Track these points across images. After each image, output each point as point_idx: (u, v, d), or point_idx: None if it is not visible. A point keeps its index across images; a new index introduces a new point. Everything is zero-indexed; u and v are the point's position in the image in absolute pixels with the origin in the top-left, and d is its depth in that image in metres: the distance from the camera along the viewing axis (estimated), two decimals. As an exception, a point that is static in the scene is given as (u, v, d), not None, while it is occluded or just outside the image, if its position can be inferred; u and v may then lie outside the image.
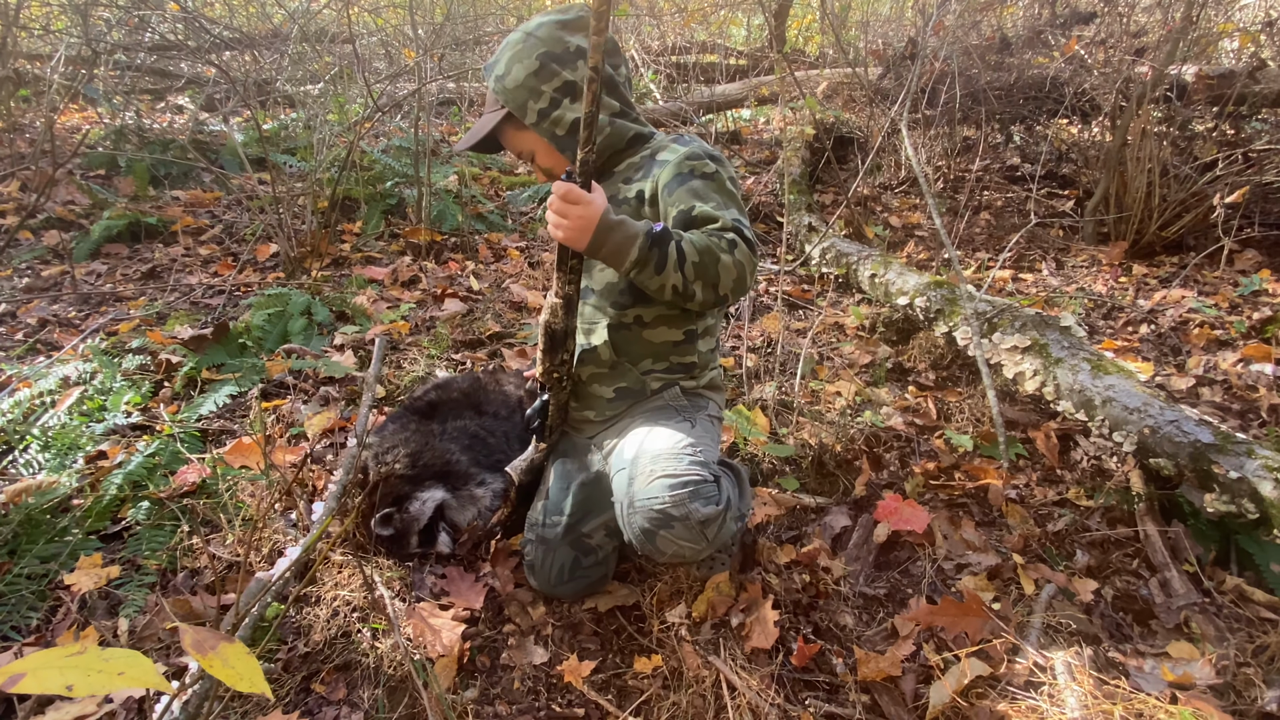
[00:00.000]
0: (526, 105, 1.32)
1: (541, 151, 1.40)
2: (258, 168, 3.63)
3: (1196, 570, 1.54)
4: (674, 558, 1.24)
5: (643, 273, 1.16)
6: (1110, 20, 3.54)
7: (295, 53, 4.47)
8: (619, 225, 1.14)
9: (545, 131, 1.34)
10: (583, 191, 1.13)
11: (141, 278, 2.91)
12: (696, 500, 1.17)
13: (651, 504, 1.18)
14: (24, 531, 1.53)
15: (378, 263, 3.11)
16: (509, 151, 1.47)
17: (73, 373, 2.03)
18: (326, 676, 1.30)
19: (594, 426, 1.49)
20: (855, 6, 7.39)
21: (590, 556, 1.41)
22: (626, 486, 1.25)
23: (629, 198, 1.35)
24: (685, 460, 1.22)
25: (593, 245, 1.15)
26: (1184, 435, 1.56)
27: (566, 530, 1.39)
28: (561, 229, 1.15)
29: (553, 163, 1.41)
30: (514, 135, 1.41)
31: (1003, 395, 2.17)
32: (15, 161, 3.63)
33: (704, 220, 1.21)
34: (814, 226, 3.39)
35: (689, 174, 1.27)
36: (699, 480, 1.20)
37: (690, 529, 1.18)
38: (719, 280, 1.17)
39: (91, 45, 3.75)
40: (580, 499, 1.40)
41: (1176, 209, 3.29)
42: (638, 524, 1.21)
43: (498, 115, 1.37)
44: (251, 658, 0.42)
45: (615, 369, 1.41)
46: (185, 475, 1.70)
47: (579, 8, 1.36)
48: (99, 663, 0.42)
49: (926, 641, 1.37)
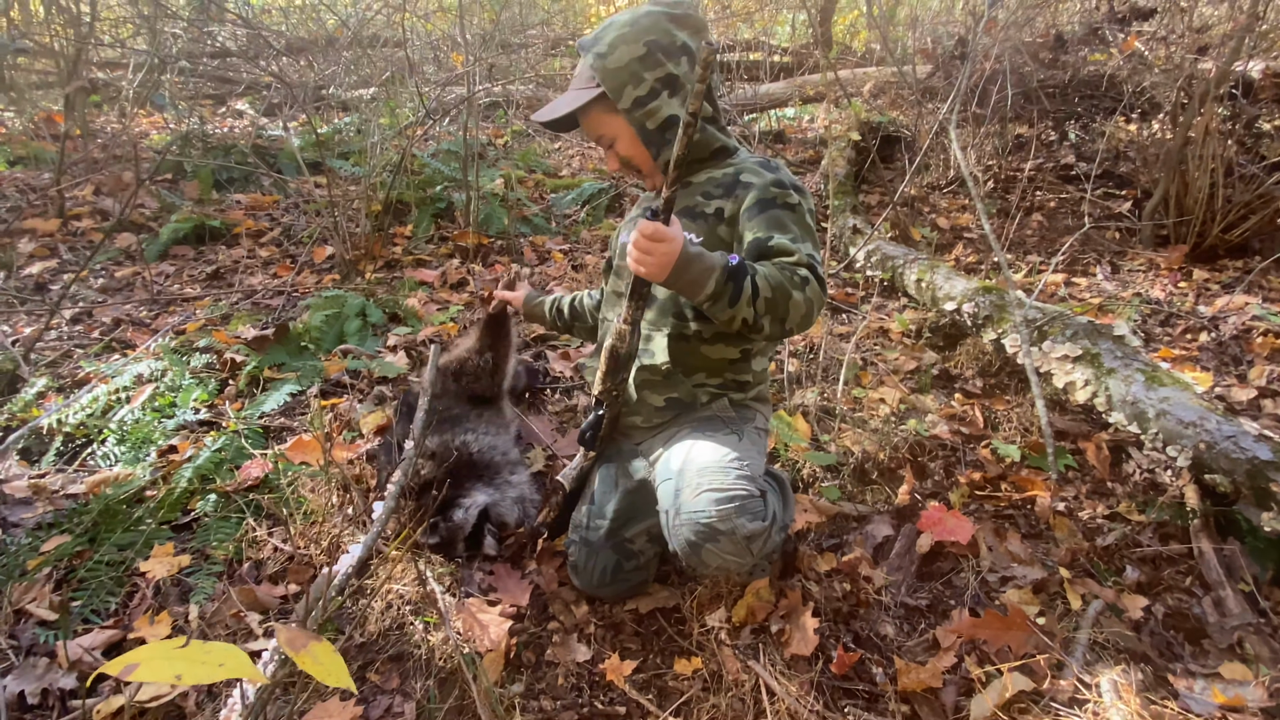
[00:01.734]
0: (624, 89, 1.30)
1: (625, 141, 1.37)
2: (314, 172, 3.76)
3: (1253, 589, 1.50)
4: (718, 570, 1.26)
5: (716, 305, 1.17)
6: (1171, 16, 3.42)
7: (349, 59, 4.61)
8: (698, 259, 1.15)
9: (635, 121, 1.32)
10: (667, 229, 1.13)
11: (207, 279, 3.05)
12: (743, 515, 1.18)
13: (698, 517, 1.20)
14: (103, 520, 1.63)
15: (428, 265, 3.20)
16: (587, 134, 1.42)
17: (145, 370, 2.15)
18: (381, 666, 1.37)
19: (641, 433, 1.52)
20: (904, 2, 7.26)
21: (632, 561, 1.44)
22: (673, 497, 1.26)
23: (707, 213, 1.34)
24: (732, 474, 1.23)
25: (671, 278, 1.16)
26: (1241, 451, 1.52)
27: (609, 534, 1.42)
28: (645, 264, 1.15)
29: (633, 153, 1.38)
30: (600, 118, 1.37)
31: (1053, 404, 2.13)
32: (90, 167, 3.83)
33: (779, 251, 1.22)
34: (859, 229, 3.36)
35: (772, 201, 1.27)
36: (745, 495, 1.20)
37: (736, 544, 1.19)
38: (788, 316, 1.18)
39: (159, 55, 3.94)
40: (623, 505, 1.43)
41: (1241, 210, 3.16)
42: (684, 536, 1.22)
43: (590, 93, 1.33)
44: (337, 655, 0.46)
45: (669, 379, 1.42)
46: (249, 470, 1.79)
47: (687, 4, 1.35)
48: (202, 654, 0.47)
49: (968, 654, 1.37)
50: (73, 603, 1.45)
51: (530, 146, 4.82)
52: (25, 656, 1.35)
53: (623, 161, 1.40)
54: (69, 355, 2.37)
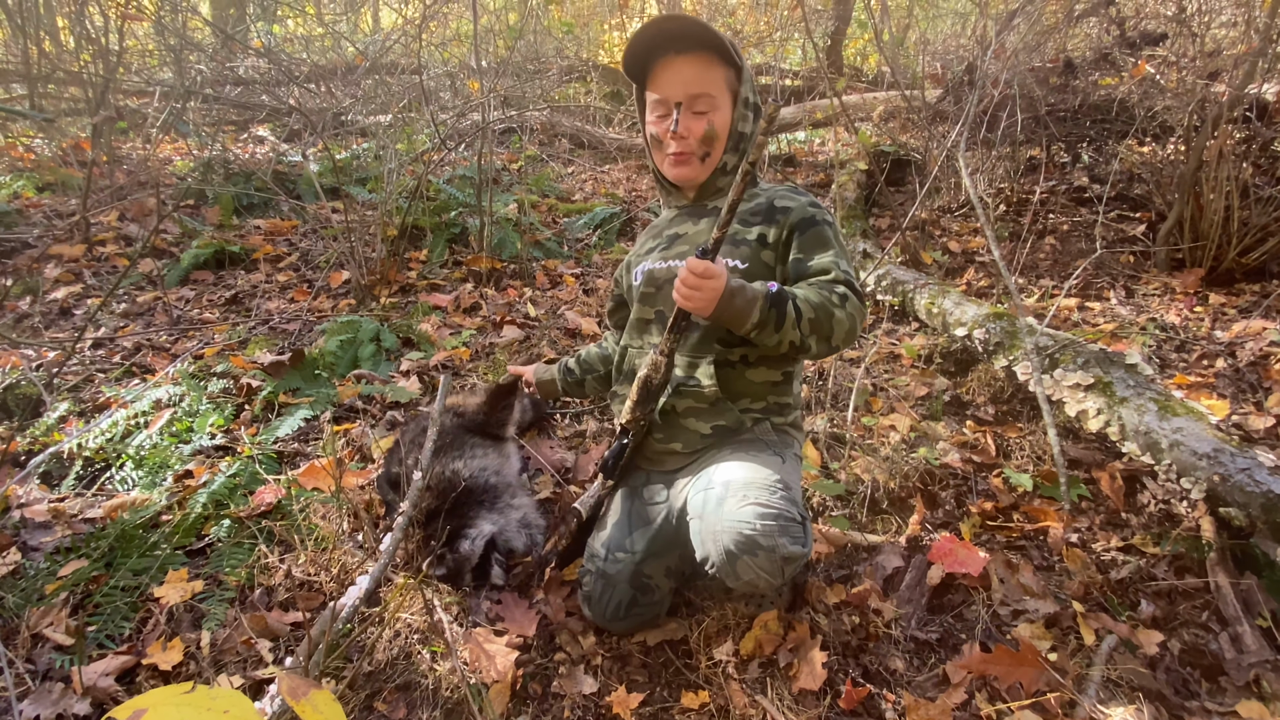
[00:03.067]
0: (748, 82, 1.37)
1: (723, 116, 1.35)
2: (331, 197, 3.84)
3: (1270, 625, 1.47)
4: (745, 586, 1.23)
5: (762, 332, 1.22)
6: (1183, 40, 3.42)
7: (366, 87, 4.72)
8: (740, 291, 1.20)
9: (738, 114, 1.37)
10: (714, 265, 1.19)
11: (225, 304, 3.11)
12: (785, 536, 1.18)
13: (741, 527, 1.17)
14: (119, 545, 1.66)
15: (442, 290, 3.24)
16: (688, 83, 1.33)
17: (164, 395, 2.19)
18: (388, 696, 1.37)
19: (678, 460, 1.48)
20: (914, 23, 7.31)
21: (647, 596, 1.43)
22: (715, 506, 1.23)
23: (749, 239, 1.38)
24: (778, 493, 1.22)
25: (717, 311, 1.21)
26: (1256, 485, 1.50)
27: (631, 571, 1.40)
28: (693, 301, 1.20)
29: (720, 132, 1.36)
30: (716, 75, 1.34)
31: (1066, 433, 2.12)
32: (115, 194, 3.93)
33: (819, 270, 1.28)
34: (869, 253, 3.36)
35: (811, 221, 1.34)
36: (789, 517, 1.20)
37: (773, 562, 1.17)
38: (833, 333, 1.24)
39: (183, 84, 4.05)
40: (648, 540, 1.42)
41: (1258, 233, 3.13)
42: (724, 543, 1.19)
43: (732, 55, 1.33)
44: (337, 705, 0.47)
45: (715, 406, 1.41)
46: (263, 495, 1.82)
47: None
48: (208, 701, 0.48)
49: (979, 690, 1.35)
50: (88, 628, 1.47)
51: (544, 172, 4.89)
52: (41, 681, 1.37)
53: (705, 133, 1.36)
54: (90, 380, 2.42)
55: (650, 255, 1.52)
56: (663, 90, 1.36)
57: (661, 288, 1.46)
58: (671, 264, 1.45)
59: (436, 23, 5.74)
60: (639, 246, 1.60)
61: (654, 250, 1.51)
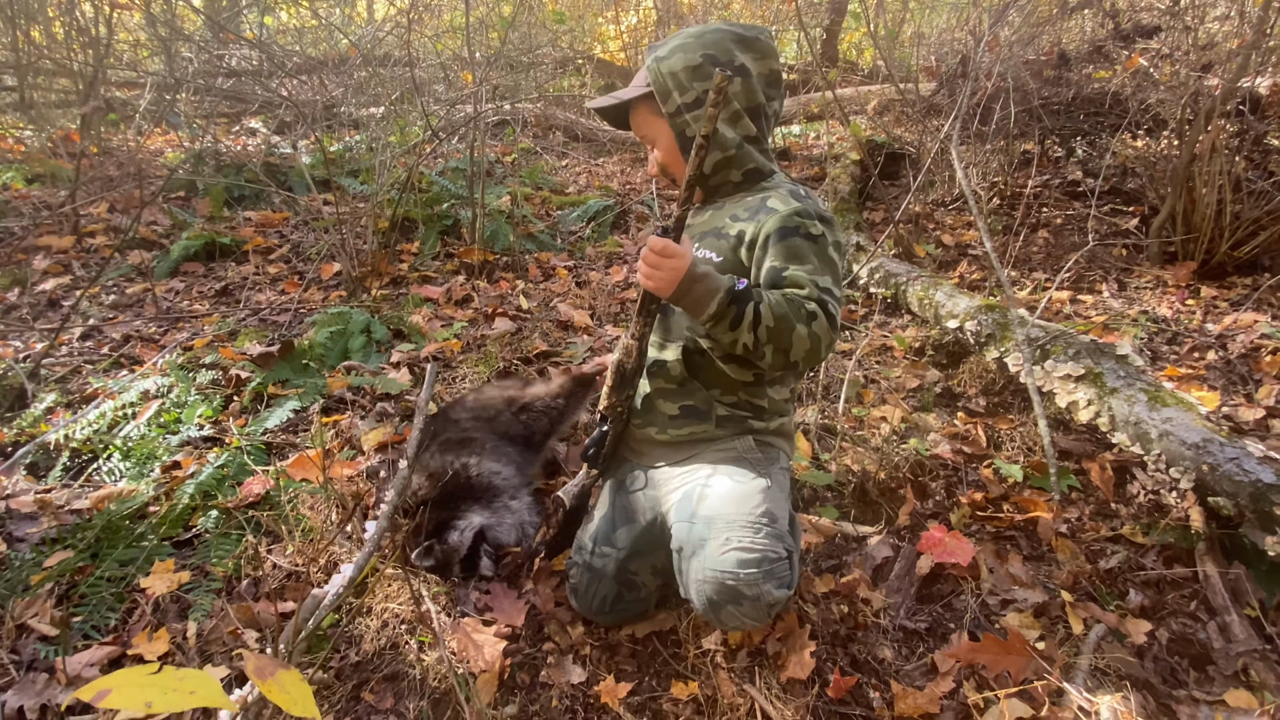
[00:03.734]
0: (670, 94, 1.31)
1: (664, 144, 1.38)
2: (323, 189, 3.82)
3: (1259, 615, 1.47)
4: (730, 629, 1.25)
5: (717, 326, 1.19)
6: (1176, 33, 3.42)
7: (359, 78, 4.69)
8: (704, 278, 1.18)
9: (676, 127, 1.34)
10: (676, 245, 1.17)
11: (215, 295, 3.09)
12: (770, 581, 1.15)
13: (724, 578, 1.15)
14: (105, 536, 1.65)
15: (433, 282, 3.22)
16: (635, 132, 1.47)
17: (152, 386, 2.17)
18: (375, 686, 1.37)
19: (657, 450, 1.45)
20: (910, 18, 7.29)
21: (633, 592, 1.42)
22: (697, 545, 1.21)
23: (729, 235, 1.32)
24: (762, 532, 1.19)
25: (676, 294, 1.19)
26: (1244, 474, 1.50)
27: (616, 567, 1.40)
28: (652, 279, 1.19)
29: (669, 160, 1.40)
30: (645, 118, 1.40)
31: (1057, 424, 2.12)
32: (105, 185, 3.90)
33: (792, 283, 1.21)
34: (862, 246, 3.36)
35: (794, 230, 1.24)
36: (774, 558, 1.17)
37: (758, 609, 1.16)
38: (791, 348, 1.17)
39: (174, 75, 4.02)
40: (633, 539, 1.41)
41: (1250, 227, 3.14)
42: (706, 593, 1.18)
43: (639, 90, 1.37)
44: (305, 684, 0.46)
45: (684, 386, 1.38)
46: (251, 486, 1.80)
47: (758, 30, 1.36)
48: (174, 682, 0.47)
49: (967, 679, 1.35)
50: (73, 619, 1.46)
51: (537, 164, 4.87)
52: (26, 672, 1.36)
53: (660, 168, 1.42)
54: (78, 371, 2.40)
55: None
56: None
57: None
58: None
59: (430, 15, 5.70)
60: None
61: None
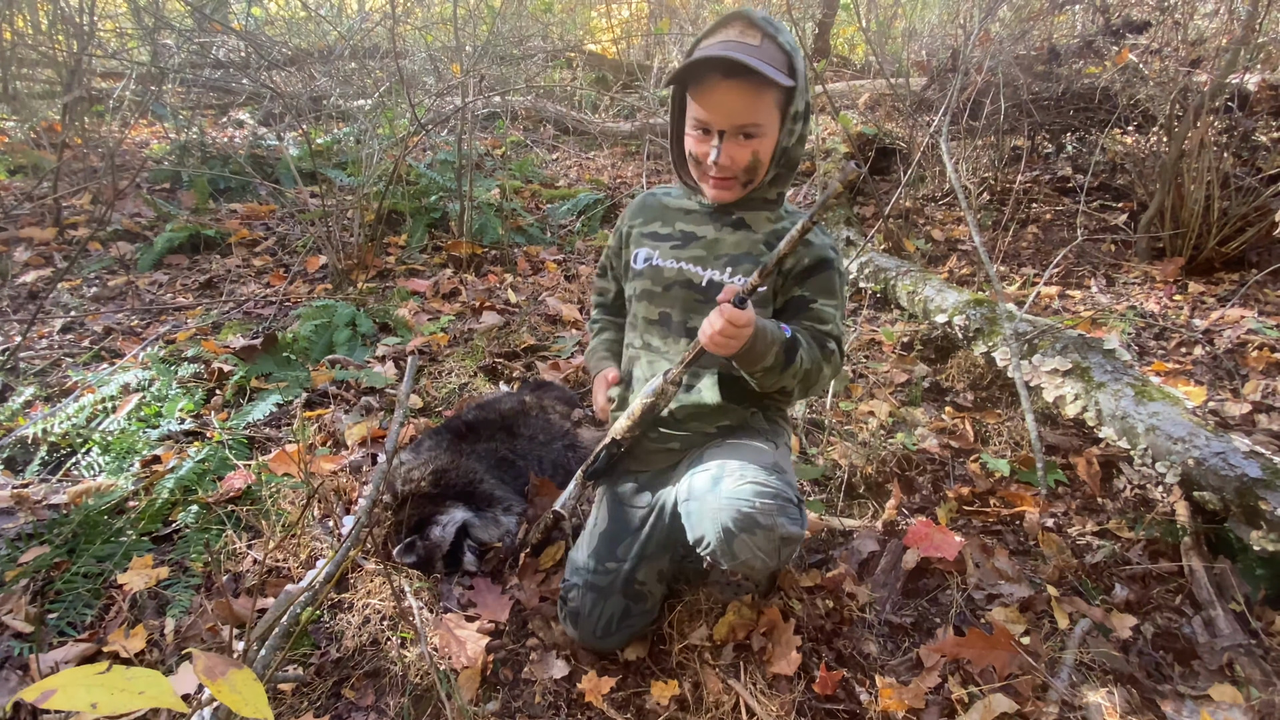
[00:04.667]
0: (801, 96, 1.22)
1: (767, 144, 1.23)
2: (310, 182, 3.78)
3: (1244, 609, 1.47)
4: (741, 566, 1.20)
5: (767, 376, 1.23)
6: (1166, 29, 3.42)
7: (346, 70, 4.64)
8: (762, 334, 1.18)
9: (785, 130, 1.24)
10: (749, 314, 1.15)
11: (199, 288, 3.06)
12: (783, 515, 1.16)
13: (740, 504, 1.15)
14: (83, 531, 1.62)
15: (420, 275, 3.19)
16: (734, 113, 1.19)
17: (132, 380, 2.14)
18: (356, 682, 1.35)
19: (671, 457, 1.42)
20: (902, 14, 7.29)
21: (640, 605, 1.38)
22: (711, 485, 1.20)
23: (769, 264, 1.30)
24: (774, 475, 1.20)
25: (740, 354, 1.19)
26: (1230, 468, 1.50)
27: (625, 579, 1.36)
28: (725, 349, 1.17)
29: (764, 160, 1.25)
30: (767, 106, 1.20)
31: (1044, 419, 2.12)
32: (88, 176, 3.84)
33: (818, 317, 1.28)
34: (852, 240, 3.35)
35: (828, 264, 1.30)
36: (786, 497, 1.18)
37: (771, 541, 1.15)
38: (813, 386, 1.29)
39: (159, 65, 3.96)
40: (638, 547, 1.38)
41: (1238, 223, 3.15)
42: (722, 521, 1.16)
43: (783, 79, 1.16)
44: (258, 684, 0.44)
45: (719, 411, 1.36)
46: (232, 481, 1.78)
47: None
48: (122, 682, 0.46)
49: (952, 674, 1.35)
50: (49, 615, 1.44)
51: (528, 157, 4.84)
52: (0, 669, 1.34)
53: (749, 163, 1.24)
54: (58, 364, 2.36)
55: (657, 243, 1.39)
56: (707, 112, 1.21)
57: (670, 289, 1.36)
58: (684, 265, 1.34)
59: (420, 7, 5.65)
60: (640, 219, 1.45)
61: (662, 240, 1.39)
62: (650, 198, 1.47)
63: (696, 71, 1.20)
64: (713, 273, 1.32)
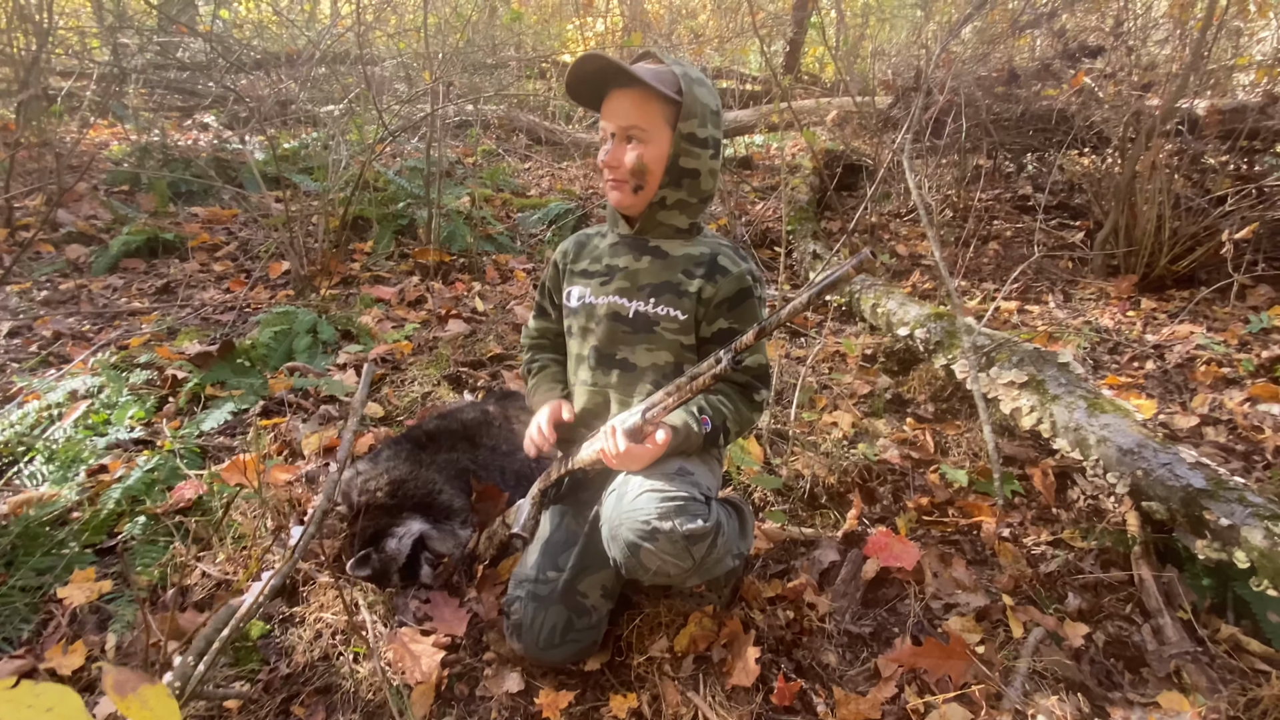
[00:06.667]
0: (693, 118, 1.28)
1: (656, 153, 1.29)
2: (274, 187, 3.71)
3: (1190, 618, 1.51)
4: (658, 577, 1.21)
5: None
6: (1120, 54, 3.54)
7: (315, 75, 4.58)
8: (683, 441, 1.25)
9: (677, 149, 1.29)
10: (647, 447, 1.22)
11: (156, 293, 2.98)
12: (682, 515, 1.16)
13: (637, 515, 1.17)
14: (22, 543, 1.56)
15: (386, 282, 3.15)
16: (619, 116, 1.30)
17: (80, 386, 2.08)
18: (306, 699, 1.31)
19: (613, 477, 1.40)
20: (870, 35, 7.44)
21: (584, 618, 1.35)
22: (615, 503, 1.24)
23: (690, 291, 1.34)
24: (677, 481, 1.21)
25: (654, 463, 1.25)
26: (1176, 478, 1.54)
27: (564, 588, 1.35)
28: (628, 468, 1.26)
29: (653, 168, 1.31)
30: (654, 115, 1.28)
31: (1002, 430, 2.15)
32: (42, 176, 3.73)
33: (750, 365, 1.34)
34: (819, 254, 3.39)
35: (748, 293, 1.35)
36: (687, 498, 1.19)
37: (674, 543, 1.16)
38: (745, 433, 1.46)
39: (120, 65, 3.87)
40: (579, 555, 1.37)
41: (1188, 243, 3.26)
42: (623, 538, 1.19)
43: (668, 91, 1.27)
44: (171, 701, 0.43)
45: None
46: (182, 491, 1.73)
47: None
48: (30, 698, 0.43)
49: (909, 684, 1.36)
50: (-18, 631, 1.38)
51: (499, 166, 4.82)
52: (-76, 689, 1.27)
53: (634, 166, 1.30)
54: (2, 370, 2.28)
55: (588, 281, 1.43)
56: (605, 119, 1.33)
57: (598, 324, 1.40)
58: (612, 299, 1.38)
59: (393, 14, 5.61)
60: (576, 257, 1.49)
61: (591, 277, 1.43)
62: (582, 235, 1.53)
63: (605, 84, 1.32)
64: (638, 304, 1.37)
